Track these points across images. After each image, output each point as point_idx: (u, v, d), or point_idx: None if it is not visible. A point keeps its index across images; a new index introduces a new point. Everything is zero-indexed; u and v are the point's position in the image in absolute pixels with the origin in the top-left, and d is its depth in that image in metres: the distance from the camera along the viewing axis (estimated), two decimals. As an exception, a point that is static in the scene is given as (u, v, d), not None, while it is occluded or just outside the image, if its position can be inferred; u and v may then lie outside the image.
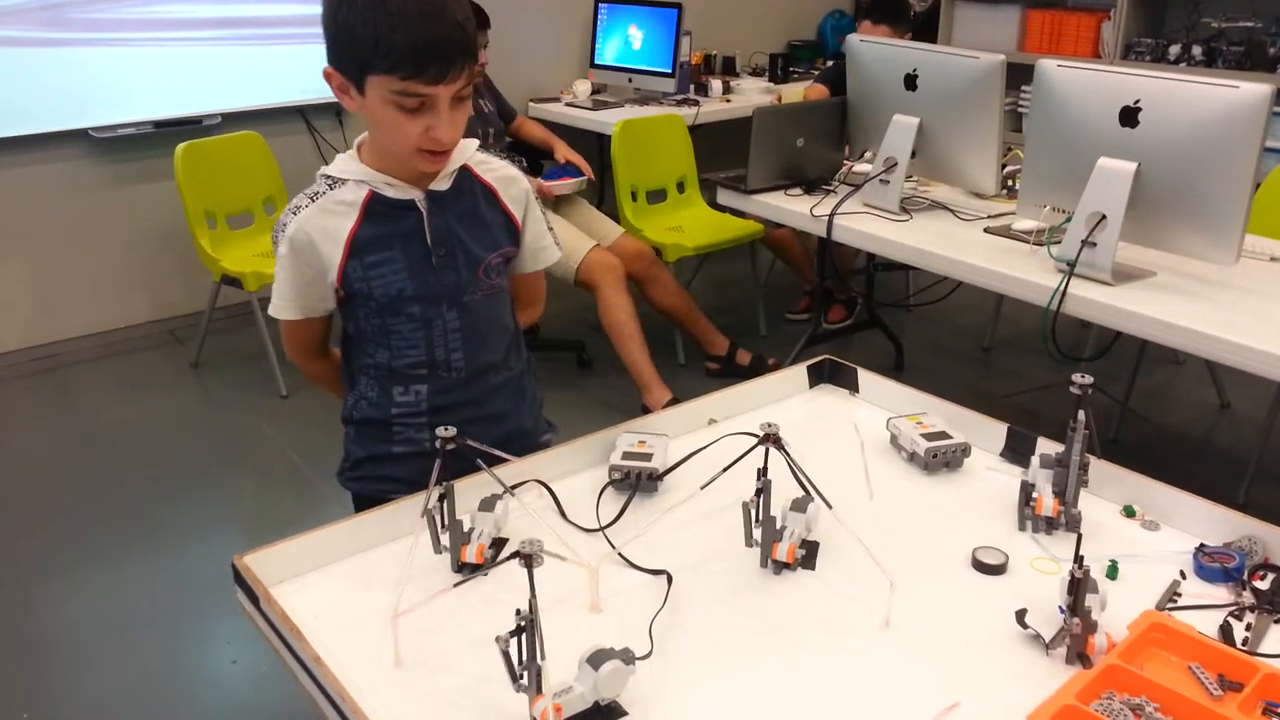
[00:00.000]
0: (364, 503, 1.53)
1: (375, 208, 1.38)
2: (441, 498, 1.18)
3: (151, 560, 2.67)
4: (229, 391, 3.64)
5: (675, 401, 3.15)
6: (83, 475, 3.09)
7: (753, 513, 1.20)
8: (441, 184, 1.41)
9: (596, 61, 4.73)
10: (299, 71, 4.19)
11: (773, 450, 1.14)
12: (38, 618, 2.45)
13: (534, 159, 3.78)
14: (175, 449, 3.23)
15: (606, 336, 3.38)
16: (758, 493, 1.18)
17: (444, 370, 1.47)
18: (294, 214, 1.38)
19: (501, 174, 1.49)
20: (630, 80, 4.60)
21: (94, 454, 3.22)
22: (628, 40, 4.60)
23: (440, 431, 1.14)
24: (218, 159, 3.67)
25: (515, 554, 0.90)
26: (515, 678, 0.93)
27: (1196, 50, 4.28)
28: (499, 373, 1.53)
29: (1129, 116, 2.18)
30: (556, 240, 1.60)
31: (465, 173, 1.45)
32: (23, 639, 2.38)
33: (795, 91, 3.74)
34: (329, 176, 1.40)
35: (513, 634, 0.92)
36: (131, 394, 3.63)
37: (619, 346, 3.32)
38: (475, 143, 1.47)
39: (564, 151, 3.75)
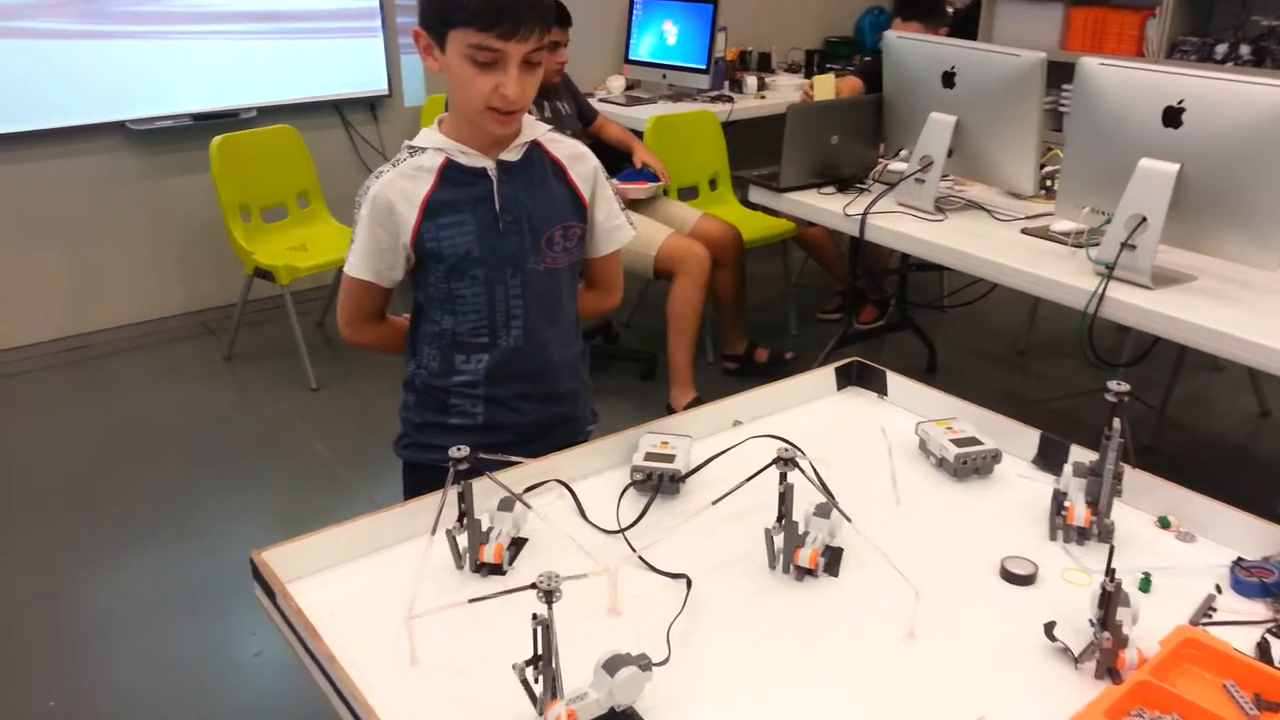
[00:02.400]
0: (415, 471, 1.62)
1: (450, 174, 1.47)
2: (460, 517, 1.17)
3: (180, 551, 2.69)
4: (260, 383, 3.67)
5: (699, 401, 3.13)
6: (115, 464, 3.12)
7: (775, 539, 1.17)
8: (512, 155, 1.50)
9: (631, 57, 4.71)
10: (334, 66, 4.22)
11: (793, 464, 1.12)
12: (67, 605, 2.48)
13: (612, 160, 3.69)
14: (206, 440, 3.26)
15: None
16: (779, 518, 1.16)
17: (503, 337, 1.53)
18: (376, 178, 1.48)
19: (571, 151, 1.57)
20: (664, 76, 4.58)
21: (126, 443, 3.25)
22: (662, 36, 4.58)
23: (453, 452, 1.14)
24: (253, 152, 3.69)
25: (533, 585, 0.88)
26: (536, 701, 0.91)
27: (1244, 49, 4.18)
28: (556, 351, 1.58)
29: (1172, 116, 2.13)
30: (630, 221, 1.65)
31: (536, 147, 1.53)
32: (52, 626, 2.41)
33: (826, 80, 3.68)
34: (411, 146, 1.50)
35: (529, 662, 0.90)
36: (165, 384, 3.67)
37: (671, 334, 3.30)
38: (547, 126, 1.55)
39: (641, 154, 3.67)
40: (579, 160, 1.57)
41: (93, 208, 3.91)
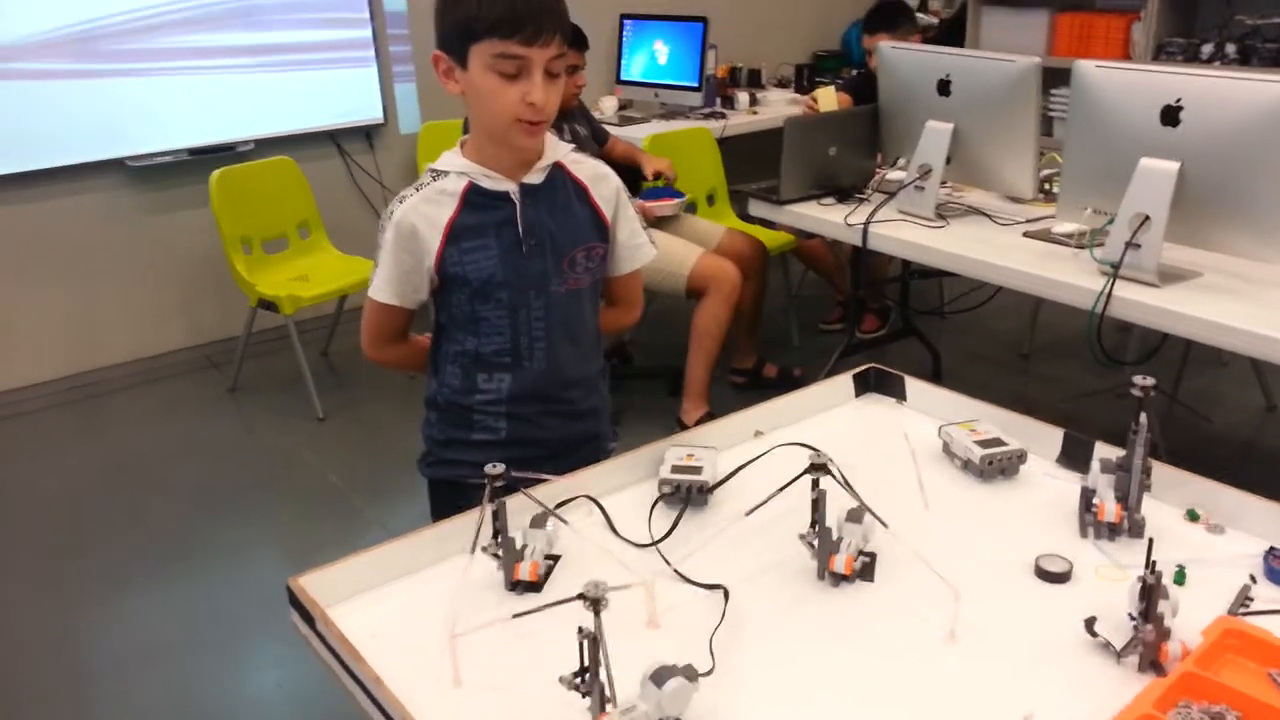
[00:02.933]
0: (441, 488, 1.63)
1: (473, 198, 1.48)
2: (495, 534, 1.17)
3: (193, 585, 2.68)
4: (266, 415, 3.66)
5: (710, 417, 3.14)
6: (122, 502, 3.11)
7: (810, 544, 1.18)
8: (535, 178, 1.51)
9: (623, 77, 4.74)
10: (330, 96, 4.24)
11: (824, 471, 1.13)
12: (79, 645, 2.47)
13: (630, 180, 3.69)
14: (214, 474, 3.25)
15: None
16: (812, 524, 1.16)
17: (527, 359, 1.54)
18: (400, 203, 1.49)
19: (593, 172, 1.59)
20: (657, 95, 4.61)
21: (133, 480, 3.24)
22: (653, 55, 4.62)
23: (488, 469, 1.14)
24: (252, 185, 3.70)
25: (580, 596, 0.89)
26: (582, 687, 0.92)
27: (1230, 49, 4.22)
28: (577, 369, 1.59)
29: (1170, 116, 2.15)
30: (651, 239, 1.67)
31: (558, 169, 1.54)
32: (65, 666, 2.40)
33: (828, 93, 3.72)
34: (434, 170, 1.51)
35: (576, 674, 0.91)
36: (169, 420, 3.66)
37: (693, 349, 3.28)
38: (570, 145, 1.56)
39: (650, 162, 3.62)
40: (601, 181, 1.58)
41: (93, 245, 3.92)
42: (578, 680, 0.92)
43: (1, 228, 3.73)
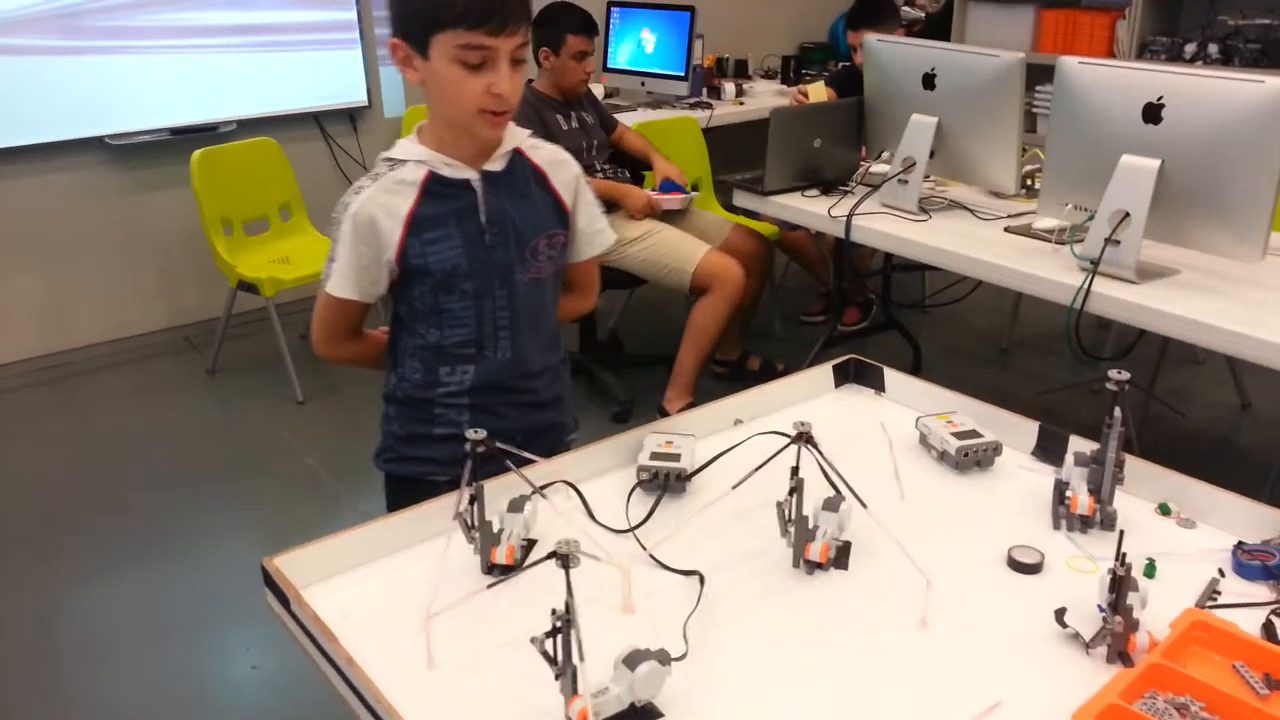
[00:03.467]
0: (400, 484, 1.59)
1: (433, 187, 1.44)
2: (472, 500, 1.17)
3: (169, 567, 2.67)
4: (246, 397, 3.64)
5: (691, 405, 3.14)
6: (99, 482, 3.09)
7: (786, 511, 1.18)
8: (495, 164, 1.47)
9: (609, 65, 4.72)
10: (314, 78, 4.21)
11: (804, 450, 1.13)
12: (56, 625, 2.45)
13: (631, 170, 3.62)
14: (192, 455, 3.23)
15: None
16: (792, 491, 1.17)
17: (491, 350, 1.52)
18: (356, 194, 1.44)
19: (552, 157, 1.56)
20: (643, 84, 4.60)
21: (111, 461, 3.22)
22: (640, 44, 4.60)
23: (469, 434, 1.14)
24: (233, 166, 3.68)
25: (552, 554, 0.89)
26: (553, 663, 0.92)
27: (1213, 48, 4.25)
28: (540, 359, 1.57)
29: (1152, 113, 2.16)
30: (610, 225, 1.65)
31: (518, 155, 1.51)
32: (41, 646, 2.38)
33: (818, 88, 3.72)
34: (390, 159, 1.47)
35: (548, 634, 0.91)
36: (148, 401, 3.64)
37: (686, 343, 3.25)
38: (527, 131, 1.53)
39: (662, 166, 3.52)
40: (560, 166, 1.56)
41: (71, 223, 3.88)
42: (549, 644, 0.91)
43: (-22, 204, 3.69)
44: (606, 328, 3.83)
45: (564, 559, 0.89)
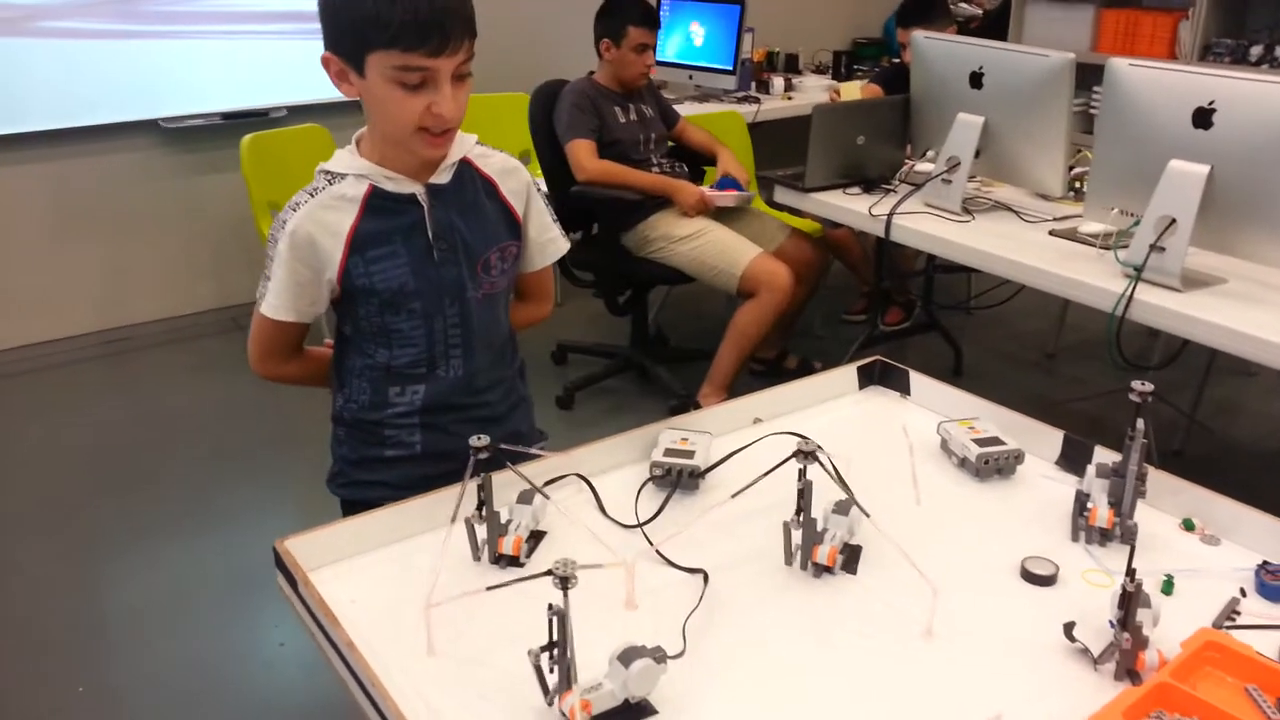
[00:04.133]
0: (354, 509, 1.48)
1: (376, 202, 1.37)
2: (479, 505, 1.17)
3: (207, 542, 2.73)
4: (288, 379, 3.70)
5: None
6: (145, 456, 3.17)
7: (793, 533, 1.17)
8: (442, 177, 1.40)
9: (657, 58, 4.70)
10: (364, 65, 4.24)
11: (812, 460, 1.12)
12: (95, 595, 2.52)
13: (694, 166, 3.56)
14: (234, 434, 3.30)
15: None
16: (797, 512, 1.16)
17: (442, 369, 1.46)
18: (293, 211, 1.36)
19: (501, 166, 1.49)
20: (691, 77, 4.58)
21: (157, 436, 3.29)
22: (689, 37, 4.58)
23: (474, 441, 1.13)
24: (282, 151, 3.73)
25: (549, 572, 0.89)
26: (547, 691, 0.92)
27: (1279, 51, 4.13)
28: (494, 373, 1.52)
29: (1202, 118, 2.10)
30: (563, 231, 1.59)
31: (465, 165, 1.44)
32: (81, 614, 2.45)
33: (852, 88, 3.68)
34: (328, 172, 1.38)
35: (544, 648, 0.91)
36: (195, 379, 3.71)
37: (727, 344, 3.20)
38: (474, 137, 1.46)
39: (727, 162, 3.46)
40: (510, 175, 1.48)
41: (126, 204, 3.97)
42: (545, 655, 0.92)
43: (36, 184, 3.79)
44: (654, 322, 3.82)
45: (562, 581, 0.88)
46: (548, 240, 1.56)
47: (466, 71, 1.30)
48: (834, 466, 1.14)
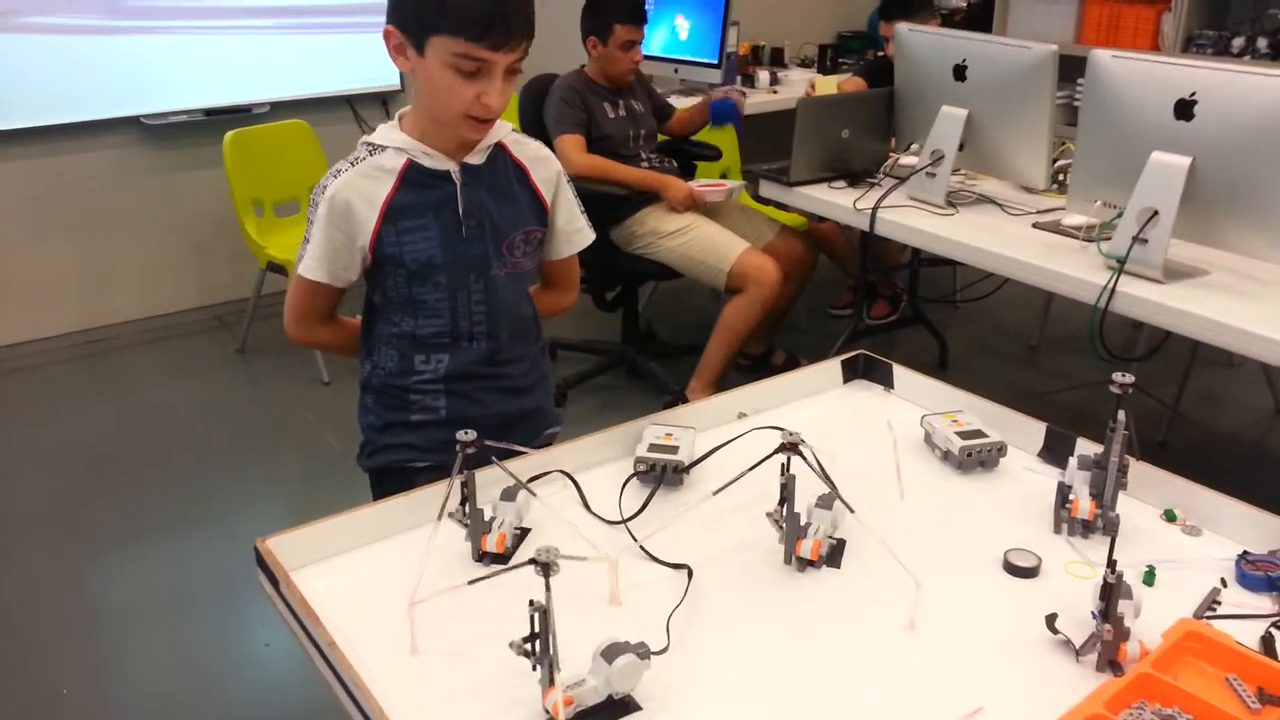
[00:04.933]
0: (383, 476, 1.58)
1: (412, 176, 1.43)
2: (463, 501, 1.17)
3: (192, 542, 2.71)
4: (273, 377, 3.69)
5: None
6: (128, 456, 3.15)
7: (778, 521, 1.18)
8: (476, 158, 1.46)
9: (642, 52, 4.70)
10: (347, 61, 4.24)
11: (797, 454, 1.12)
12: (80, 595, 2.50)
13: (686, 161, 3.56)
14: (219, 432, 3.28)
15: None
16: (781, 501, 1.16)
17: (466, 340, 1.51)
18: (334, 177, 1.43)
19: (534, 154, 1.54)
20: (676, 71, 4.57)
21: (140, 436, 3.27)
22: (674, 30, 4.57)
23: (460, 435, 1.14)
24: (265, 147, 3.71)
25: (531, 561, 0.89)
26: (530, 656, 0.92)
27: (1262, 42, 4.14)
28: (517, 349, 1.56)
29: (1184, 109, 2.11)
30: (590, 224, 1.63)
31: (500, 150, 1.49)
32: (65, 615, 2.43)
33: (828, 82, 3.68)
34: (370, 144, 1.45)
35: (526, 639, 0.91)
36: (178, 377, 3.69)
37: (715, 340, 3.19)
38: (510, 124, 1.51)
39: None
40: (542, 163, 1.54)
41: (107, 202, 3.94)
42: (527, 646, 0.92)
43: (17, 181, 3.76)
44: (645, 318, 3.81)
45: (544, 567, 0.88)
46: (575, 230, 1.61)
47: (519, 68, 1.36)
48: (817, 461, 1.14)
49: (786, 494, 1.15)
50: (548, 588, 0.89)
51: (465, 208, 1.44)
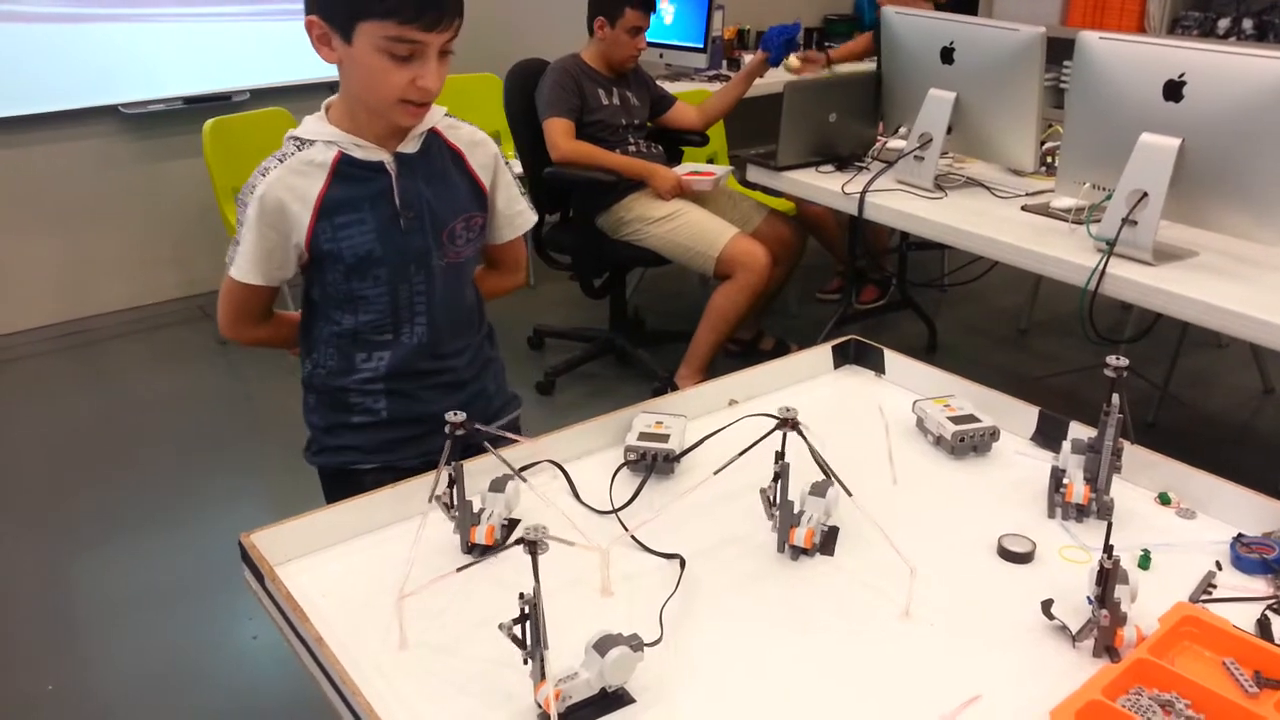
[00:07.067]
0: (329, 476, 1.56)
1: (344, 169, 1.38)
2: (451, 483, 1.15)
3: (176, 535, 2.68)
4: (255, 367, 3.65)
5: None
6: (111, 448, 3.11)
7: (771, 498, 1.16)
8: (410, 146, 1.41)
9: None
10: (328, 47, 4.18)
11: (793, 434, 1.10)
12: (64, 590, 2.48)
13: (672, 148, 3.50)
14: (202, 424, 3.25)
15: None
16: (776, 477, 1.14)
17: (407, 335, 1.48)
18: (262, 176, 1.37)
19: (470, 138, 1.50)
20: (661, 56, 4.54)
21: (122, 428, 3.24)
22: (659, 15, 4.53)
23: (449, 416, 1.12)
24: (246, 135, 3.66)
25: (520, 540, 0.87)
26: (523, 647, 0.90)
27: (1247, 24, 4.14)
28: (459, 339, 1.54)
29: (1173, 90, 2.10)
30: (531, 205, 1.60)
31: (434, 135, 1.45)
32: (49, 610, 2.41)
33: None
34: (297, 138, 1.39)
35: (516, 621, 0.89)
36: (160, 368, 3.65)
37: (704, 326, 3.18)
38: (444, 109, 1.47)
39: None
40: (478, 147, 1.50)
41: (85, 192, 3.89)
42: (516, 630, 0.90)
43: (-5, 172, 3.70)
44: (633, 305, 3.78)
45: (531, 545, 0.87)
46: (515, 213, 1.58)
47: (451, 49, 1.33)
48: (811, 446, 1.13)
49: (781, 476, 1.14)
50: (535, 567, 0.87)
51: (402, 198, 1.40)
